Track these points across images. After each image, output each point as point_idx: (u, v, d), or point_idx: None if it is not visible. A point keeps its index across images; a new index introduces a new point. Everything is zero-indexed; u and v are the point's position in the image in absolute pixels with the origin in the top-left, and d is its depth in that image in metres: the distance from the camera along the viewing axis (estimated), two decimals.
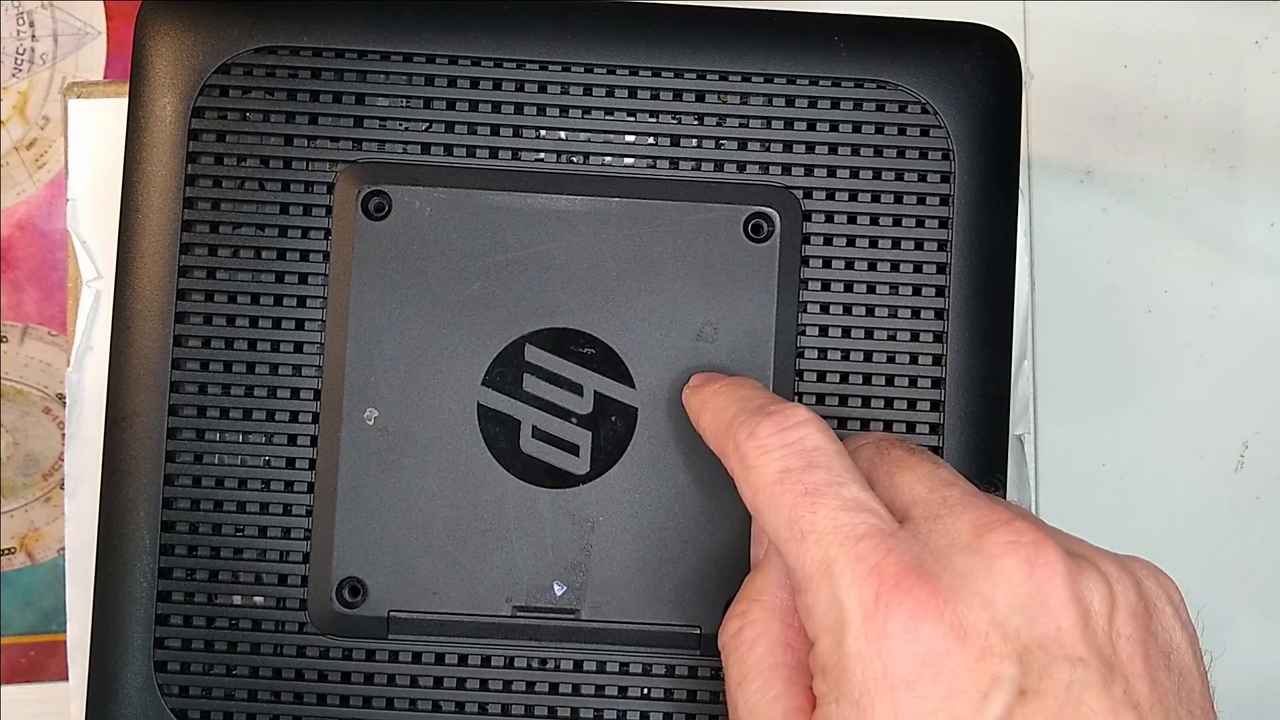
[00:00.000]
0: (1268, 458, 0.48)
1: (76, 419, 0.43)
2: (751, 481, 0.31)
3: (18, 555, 0.46)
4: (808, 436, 0.31)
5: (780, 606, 0.32)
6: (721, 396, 0.34)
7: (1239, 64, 0.48)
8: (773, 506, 0.30)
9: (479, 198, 0.37)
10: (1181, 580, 0.47)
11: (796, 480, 0.30)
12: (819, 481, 0.30)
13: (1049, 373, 0.47)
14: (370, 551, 0.37)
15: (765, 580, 0.32)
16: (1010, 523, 0.29)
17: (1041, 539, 0.28)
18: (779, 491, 0.30)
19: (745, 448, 0.31)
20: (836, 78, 0.38)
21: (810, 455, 0.31)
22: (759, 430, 0.31)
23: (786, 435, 0.31)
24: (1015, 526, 0.28)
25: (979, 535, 0.28)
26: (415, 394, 0.37)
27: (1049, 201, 0.47)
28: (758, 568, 0.33)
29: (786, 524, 0.30)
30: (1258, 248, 0.48)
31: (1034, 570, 0.28)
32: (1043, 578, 0.28)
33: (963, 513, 0.29)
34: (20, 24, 0.47)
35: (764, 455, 0.31)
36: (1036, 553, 0.28)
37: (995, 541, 0.28)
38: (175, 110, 0.37)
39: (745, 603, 0.32)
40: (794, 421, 0.31)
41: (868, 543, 0.29)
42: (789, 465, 0.31)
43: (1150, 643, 0.28)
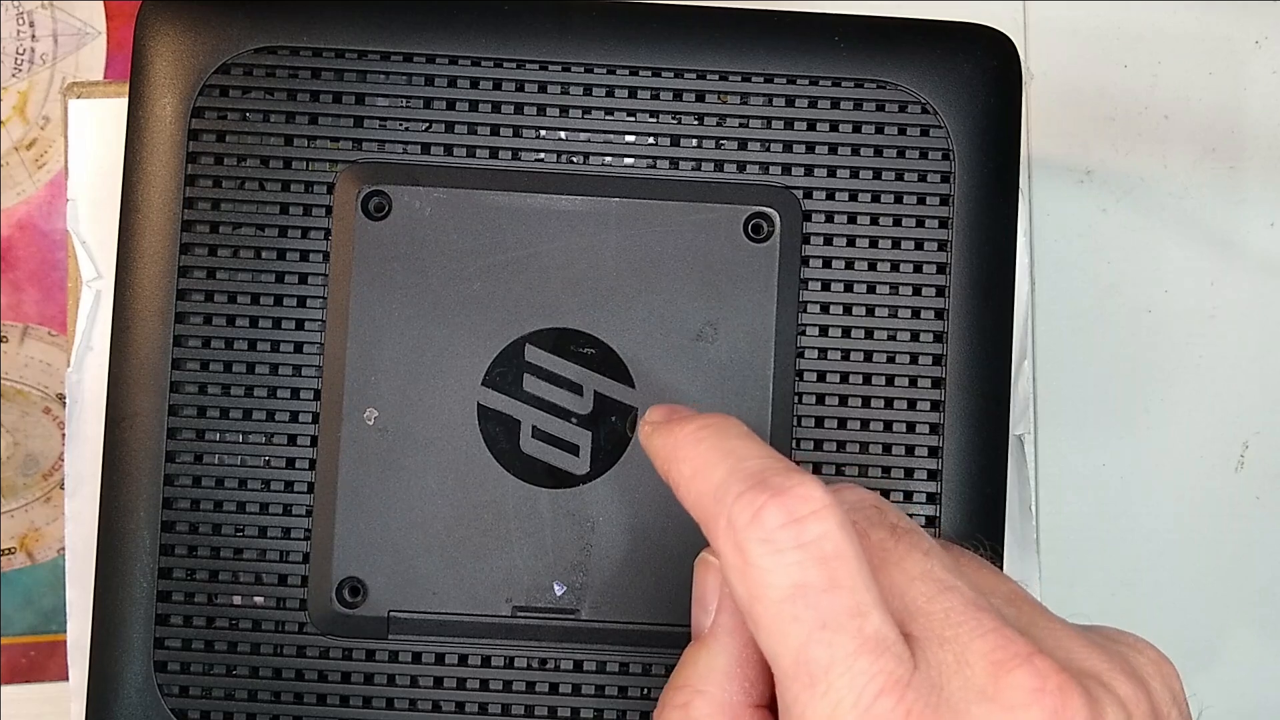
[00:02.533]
0: (1268, 458, 0.48)
1: (76, 419, 0.43)
2: (751, 586, 0.26)
3: (18, 555, 0.46)
4: (828, 536, 0.26)
5: (730, 703, 0.28)
6: (702, 445, 0.28)
7: (1239, 64, 0.48)
8: (778, 631, 0.25)
9: (479, 198, 0.37)
10: (1181, 581, 0.47)
11: (812, 605, 0.25)
12: (840, 610, 0.25)
13: (1049, 373, 0.47)
14: (370, 551, 0.37)
15: (711, 666, 0.28)
16: (1029, 661, 0.25)
17: (1065, 684, 0.25)
18: (789, 617, 0.25)
19: (746, 537, 0.26)
20: (836, 78, 0.38)
21: (831, 567, 0.25)
22: (764, 516, 0.26)
23: (802, 530, 0.26)
24: (1036, 667, 0.25)
25: (997, 677, 0.25)
26: (415, 394, 0.37)
27: (1049, 201, 0.47)
28: (702, 645, 0.29)
29: (792, 659, 0.25)
30: (1258, 248, 0.48)
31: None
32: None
33: (972, 639, 0.26)
34: (20, 24, 0.47)
35: (772, 556, 0.26)
36: (1062, 704, 0.25)
37: (1017, 688, 0.25)
38: (175, 110, 0.37)
39: (688, 691, 0.28)
40: (809, 510, 0.26)
41: (884, 703, 0.25)
42: (806, 580, 0.25)
43: None
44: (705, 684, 0.28)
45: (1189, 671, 0.47)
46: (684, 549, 0.37)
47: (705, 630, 0.29)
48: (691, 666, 0.28)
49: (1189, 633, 0.47)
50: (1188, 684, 0.47)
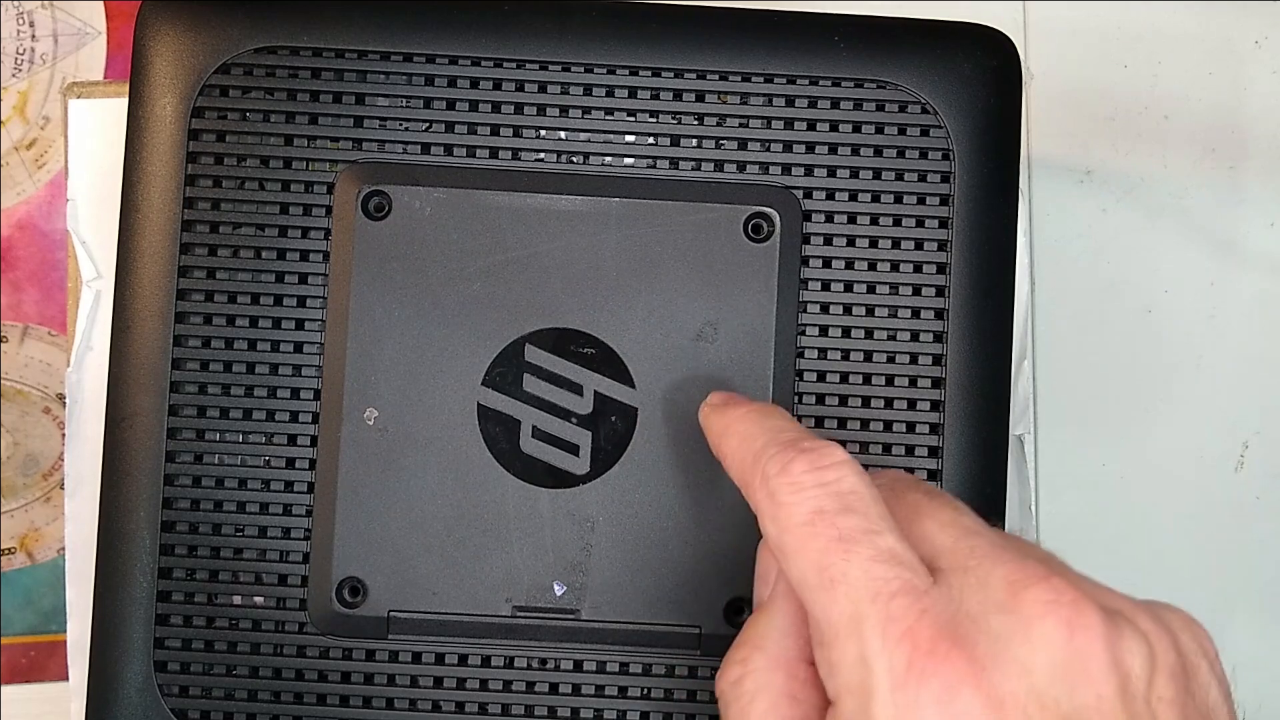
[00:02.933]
0: (1268, 458, 0.47)
1: (76, 419, 0.43)
2: (780, 519, 0.29)
3: (18, 555, 0.46)
4: (844, 478, 0.29)
5: (786, 657, 0.30)
6: (748, 423, 0.32)
7: (1239, 64, 0.48)
8: (801, 550, 0.28)
9: (479, 198, 0.37)
10: (1181, 580, 0.47)
11: (830, 524, 0.28)
12: (853, 527, 0.28)
13: (1049, 373, 0.47)
14: (370, 551, 0.37)
15: (770, 626, 0.31)
16: (1047, 579, 0.27)
17: (1080, 598, 0.27)
18: (809, 534, 0.28)
19: (776, 483, 0.29)
20: (836, 78, 0.38)
21: (846, 499, 0.29)
22: (792, 466, 0.29)
23: (822, 474, 0.29)
24: (1053, 584, 0.27)
25: (1015, 593, 0.27)
26: (415, 394, 0.37)
27: (1049, 201, 0.47)
28: (762, 610, 0.31)
29: (815, 570, 0.28)
30: (1258, 248, 0.48)
31: (1074, 634, 0.26)
32: (1083, 642, 0.26)
33: (994, 566, 0.28)
34: (20, 24, 0.47)
35: (796, 493, 0.29)
36: (1076, 614, 0.26)
37: (1033, 600, 0.27)
38: (175, 110, 0.37)
39: (747, 648, 0.31)
40: (830, 461, 0.29)
41: (901, 601, 0.27)
42: (822, 507, 0.29)
43: (1188, 704, 0.27)
44: (763, 641, 0.31)
45: None
46: (684, 549, 0.37)
47: (762, 600, 0.32)
48: (751, 628, 0.31)
49: None
50: None
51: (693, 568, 0.37)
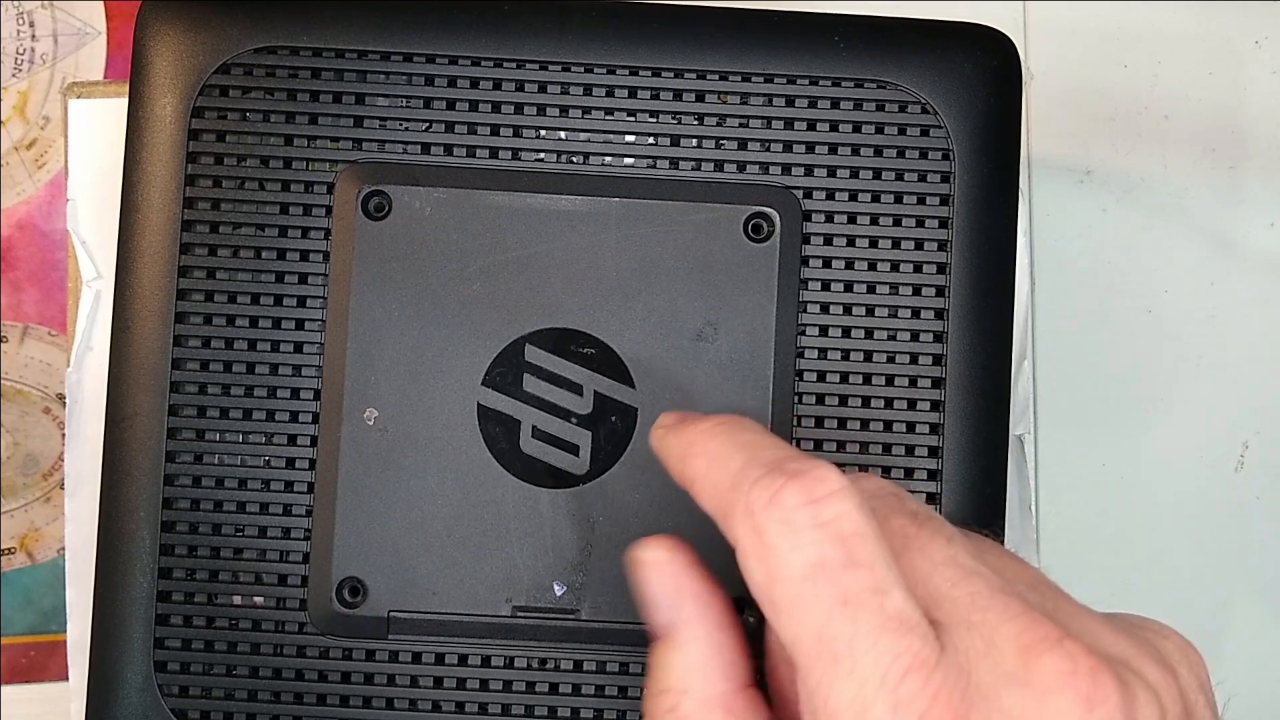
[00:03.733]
0: (1268, 458, 0.48)
1: (76, 419, 0.43)
2: (770, 566, 0.25)
3: (18, 555, 0.46)
4: (846, 516, 0.25)
5: (717, 693, 0.27)
6: (717, 439, 0.28)
7: (1239, 64, 0.48)
8: (797, 609, 0.25)
9: (479, 198, 0.37)
10: (1181, 580, 0.47)
11: (833, 582, 0.25)
12: (860, 587, 0.25)
13: (1049, 373, 0.47)
14: (370, 551, 0.37)
15: (688, 663, 0.28)
16: (1060, 644, 0.25)
17: (1096, 667, 0.25)
18: (809, 594, 0.25)
19: (764, 519, 0.26)
20: (836, 78, 0.38)
21: (850, 545, 0.25)
22: (783, 497, 0.26)
23: (819, 510, 0.25)
24: (1067, 650, 0.25)
25: (1027, 660, 0.25)
26: (415, 394, 0.37)
27: (1049, 201, 0.47)
28: (673, 645, 0.28)
29: (814, 636, 0.25)
30: (1258, 248, 0.48)
31: (1092, 709, 0.25)
32: (1101, 718, 0.25)
33: (1000, 621, 0.25)
34: (20, 24, 0.47)
35: (791, 536, 0.25)
36: (1094, 687, 0.25)
37: (1048, 671, 0.25)
38: (175, 110, 0.37)
39: (673, 695, 0.28)
40: (827, 491, 0.26)
41: (911, 683, 0.24)
42: (824, 558, 0.25)
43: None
44: (687, 682, 0.28)
45: None
46: None
47: (667, 628, 0.29)
48: (667, 668, 0.28)
49: (1189, 632, 0.47)
50: None
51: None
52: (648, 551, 0.29)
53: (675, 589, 0.29)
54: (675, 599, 0.29)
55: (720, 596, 0.29)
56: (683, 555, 0.29)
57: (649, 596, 0.29)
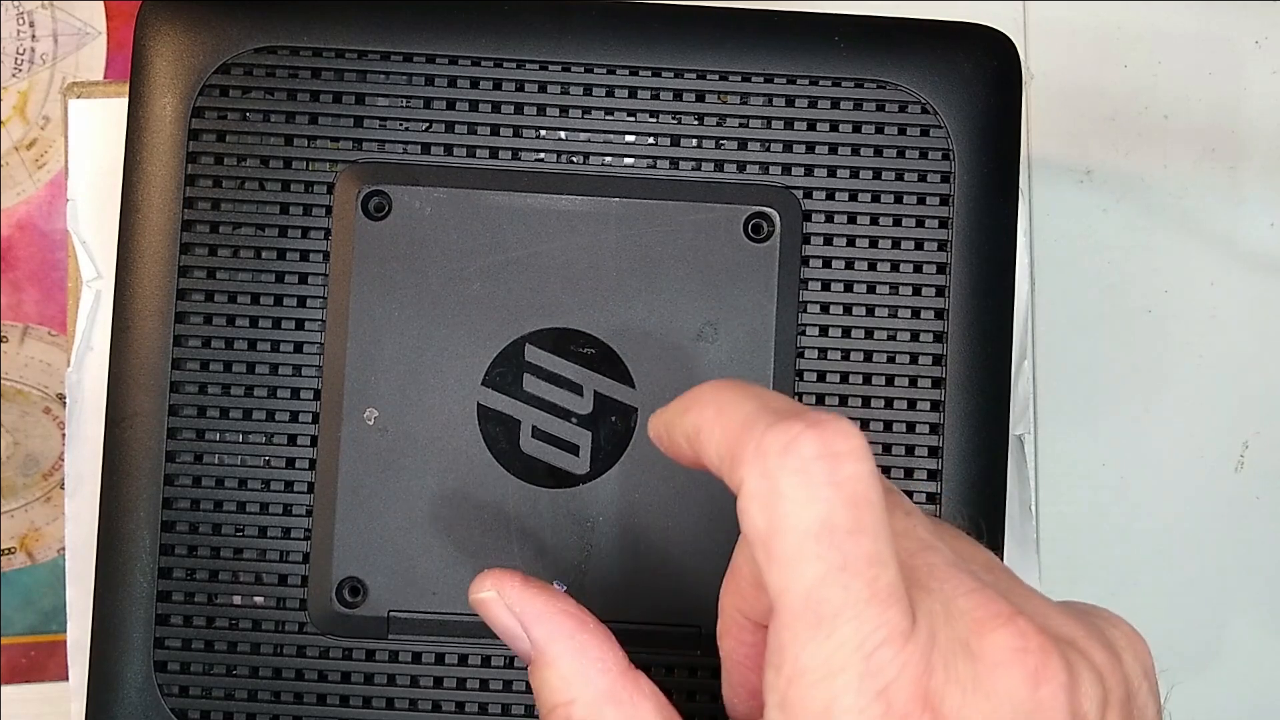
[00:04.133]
0: (1268, 458, 0.48)
1: (76, 419, 0.43)
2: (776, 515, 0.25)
3: (18, 555, 0.46)
4: (860, 478, 0.25)
5: (602, 693, 0.28)
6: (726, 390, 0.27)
7: (1239, 64, 0.48)
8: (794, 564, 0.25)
9: (479, 198, 0.37)
10: (1181, 580, 0.47)
11: (837, 547, 0.24)
12: (860, 557, 0.24)
13: (1049, 373, 0.47)
14: (370, 551, 0.37)
15: (563, 675, 0.29)
16: (1013, 620, 0.26)
17: (1045, 645, 0.26)
18: (812, 554, 0.24)
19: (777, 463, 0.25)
20: (836, 78, 0.38)
21: (859, 511, 0.24)
22: (800, 445, 0.25)
23: (837, 466, 0.24)
24: (1019, 627, 0.26)
25: (981, 634, 0.25)
26: (415, 394, 0.37)
27: (1049, 201, 0.47)
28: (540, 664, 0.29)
29: (802, 595, 0.25)
30: (1258, 248, 0.48)
31: (1039, 685, 0.25)
32: (1046, 694, 0.25)
33: (956, 592, 0.26)
34: (20, 24, 0.47)
35: (805, 488, 0.24)
36: (1042, 664, 0.25)
37: (999, 647, 0.25)
38: (175, 110, 0.37)
39: (560, 710, 0.28)
40: (846, 446, 0.25)
41: (884, 652, 0.25)
42: (833, 519, 0.24)
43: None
44: (568, 692, 0.29)
45: (1188, 671, 0.47)
46: (684, 549, 0.37)
47: (531, 652, 0.30)
48: (546, 687, 0.29)
49: (1189, 632, 0.47)
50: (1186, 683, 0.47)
51: (693, 568, 0.37)
52: (476, 593, 0.30)
53: (519, 616, 0.30)
54: (524, 623, 0.30)
55: (561, 601, 0.30)
56: (510, 581, 0.30)
57: (499, 629, 0.30)
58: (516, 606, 0.30)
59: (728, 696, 0.31)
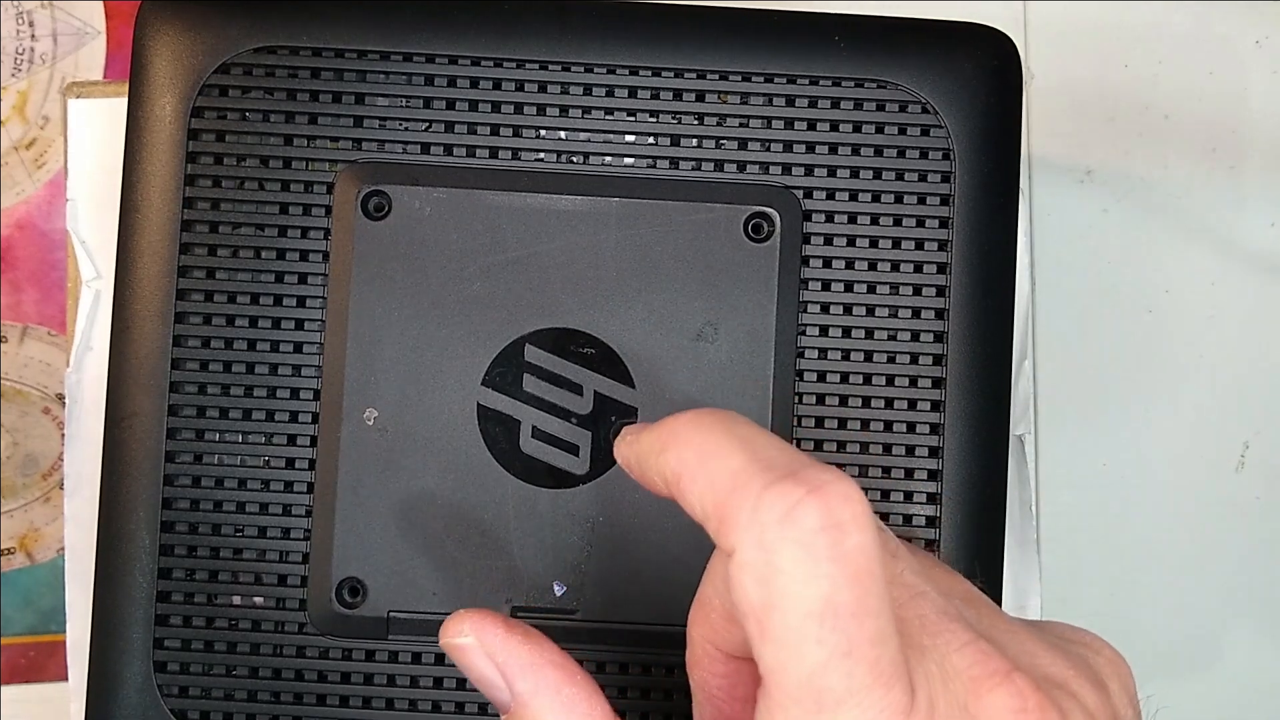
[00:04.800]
0: (1268, 458, 0.48)
1: (76, 419, 0.43)
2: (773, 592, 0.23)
3: (17, 555, 0.46)
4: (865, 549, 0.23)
5: None
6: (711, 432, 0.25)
7: (1239, 64, 0.48)
8: (794, 648, 0.23)
9: (479, 198, 0.37)
10: (1181, 580, 0.47)
11: (840, 629, 0.23)
12: (865, 639, 0.23)
13: (1049, 373, 0.47)
14: (370, 551, 0.37)
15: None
16: (1010, 680, 0.25)
17: (1043, 705, 0.25)
18: (813, 638, 0.23)
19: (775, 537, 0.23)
20: (836, 78, 0.38)
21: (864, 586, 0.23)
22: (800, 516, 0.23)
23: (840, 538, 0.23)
24: (1016, 686, 0.25)
25: (978, 695, 0.25)
26: (415, 394, 0.37)
27: (1049, 201, 0.47)
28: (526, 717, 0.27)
29: (802, 679, 0.23)
30: (1258, 248, 0.48)
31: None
32: None
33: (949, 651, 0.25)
34: (20, 24, 0.47)
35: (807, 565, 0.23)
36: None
37: (998, 709, 0.25)
38: (175, 110, 0.37)
39: None
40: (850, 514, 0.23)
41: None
42: (836, 600, 0.23)
43: None
44: None
45: (1188, 671, 0.47)
46: (684, 549, 0.37)
47: (511, 704, 0.28)
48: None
49: (1189, 633, 0.47)
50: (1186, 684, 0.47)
51: (693, 568, 0.37)
52: (452, 637, 0.28)
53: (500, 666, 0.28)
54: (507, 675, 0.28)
55: (548, 651, 0.28)
56: (491, 627, 0.28)
57: (475, 677, 0.28)
58: (499, 656, 0.28)
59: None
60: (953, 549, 0.37)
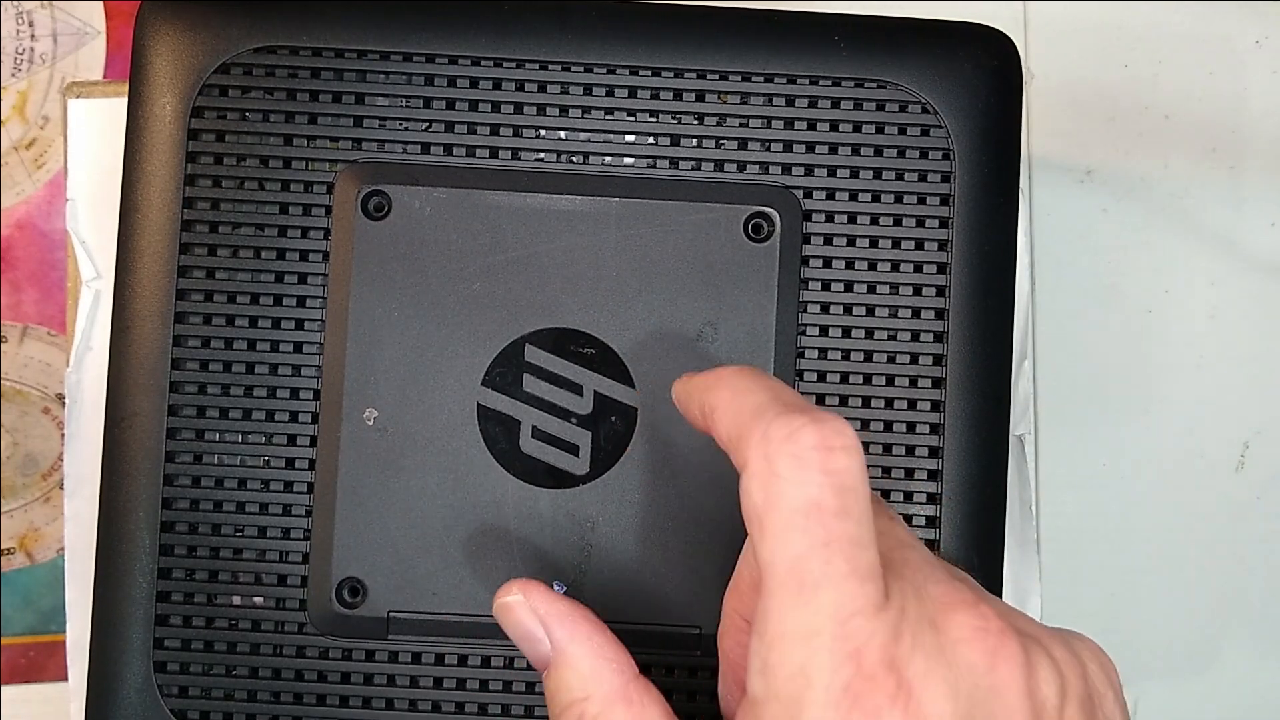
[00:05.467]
0: (1268, 458, 0.48)
1: (76, 419, 0.43)
2: (770, 492, 0.27)
3: (17, 555, 0.46)
4: (850, 471, 0.27)
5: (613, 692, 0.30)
6: (743, 377, 0.30)
7: (1239, 64, 0.48)
8: (782, 536, 0.27)
9: (479, 198, 0.37)
10: (1181, 580, 0.47)
11: (822, 524, 0.27)
12: (842, 536, 0.27)
13: (1049, 373, 0.47)
14: (370, 551, 0.37)
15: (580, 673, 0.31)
16: (976, 605, 0.28)
17: (1004, 628, 0.28)
18: (798, 528, 0.27)
19: (777, 449, 0.27)
20: (836, 78, 0.38)
21: (845, 498, 0.27)
22: (800, 435, 0.27)
23: (830, 459, 0.27)
24: (981, 610, 0.28)
25: (946, 613, 0.28)
26: (415, 394, 0.37)
27: (1049, 201, 0.47)
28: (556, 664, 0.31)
29: (787, 564, 0.27)
30: (1258, 248, 0.48)
31: (996, 663, 0.27)
32: (1004, 671, 0.27)
33: (927, 581, 0.28)
34: (20, 24, 0.47)
35: (798, 471, 0.27)
36: (1000, 643, 0.27)
37: (961, 624, 0.28)
38: (175, 110, 0.37)
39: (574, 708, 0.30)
40: (840, 443, 0.27)
41: (858, 621, 0.27)
42: (820, 500, 0.27)
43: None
44: (584, 689, 0.30)
45: (1189, 671, 0.47)
46: (684, 549, 0.37)
47: (548, 655, 0.31)
48: (563, 686, 0.31)
49: (1189, 633, 0.47)
50: (1186, 683, 0.47)
51: (693, 568, 0.37)
52: (504, 596, 0.32)
53: (542, 618, 0.31)
54: (547, 625, 0.31)
55: (582, 610, 0.31)
56: (536, 587, 0.32)
57: (520, 634, 0.32)
58: (542, 609, 0.31)
59: (723, 694, 0.33)
60: (953, 549, 0.37)
